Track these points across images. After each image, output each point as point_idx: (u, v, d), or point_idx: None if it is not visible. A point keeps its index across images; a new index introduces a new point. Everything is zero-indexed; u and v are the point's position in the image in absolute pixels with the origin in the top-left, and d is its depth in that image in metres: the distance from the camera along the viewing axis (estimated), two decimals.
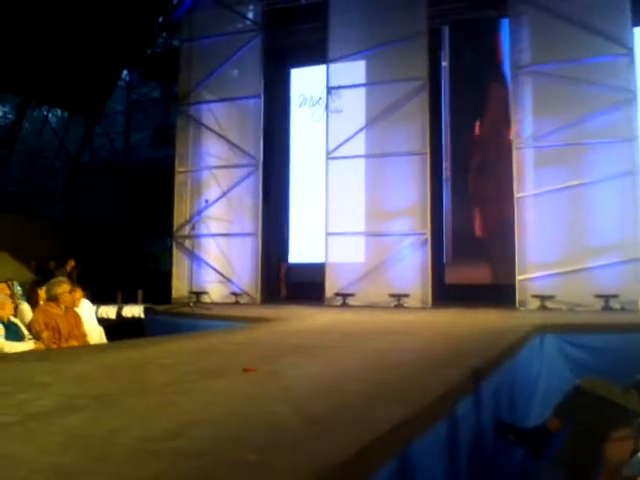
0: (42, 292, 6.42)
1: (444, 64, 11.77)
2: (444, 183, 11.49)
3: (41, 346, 5.35)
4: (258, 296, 10.95)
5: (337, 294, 10.21)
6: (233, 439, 2.01)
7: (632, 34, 9.20)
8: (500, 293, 9.89)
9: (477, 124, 11.65)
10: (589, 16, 9.22)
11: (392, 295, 9.83)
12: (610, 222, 9.04)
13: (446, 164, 11.58)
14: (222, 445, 1.94)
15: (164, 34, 14.86)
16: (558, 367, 5.88)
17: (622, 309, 8.36)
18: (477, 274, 11.06)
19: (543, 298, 9.13)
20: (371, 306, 9.84)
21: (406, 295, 9.77)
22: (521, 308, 9.24)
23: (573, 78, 9.28)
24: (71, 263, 11.92)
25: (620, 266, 8.90)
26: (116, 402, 2.58)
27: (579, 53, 9.31)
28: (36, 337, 5.43)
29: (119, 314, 9.94)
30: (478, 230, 11.42)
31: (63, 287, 5.86)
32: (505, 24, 10.85)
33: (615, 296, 8.65)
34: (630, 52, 9.14)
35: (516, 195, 9.52)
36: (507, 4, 9.95)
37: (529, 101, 9.72)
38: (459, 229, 11.38)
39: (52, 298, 5.80)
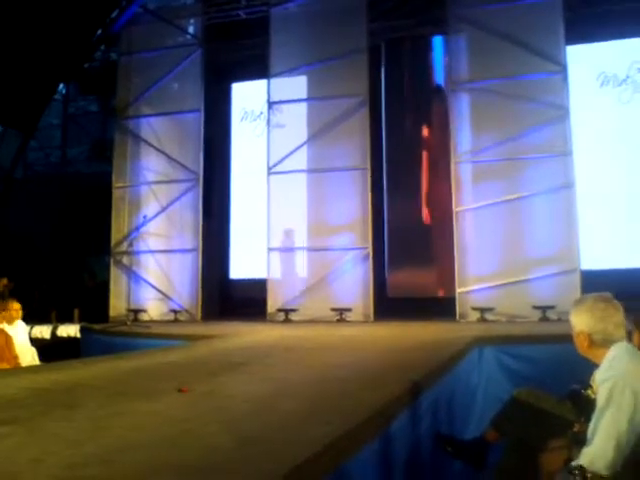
0: None
1: (384, 80, 11.91)
2: (385, 198, 11.58)
3: None
4: (198, 313, 10.77)
5: (279, 310, 10.13)
6: (164, 463, 1.95)
7: (565, 52, 9.49)
8: (441, 306, 10.00)
9: (417, 139, 11.82)
10: (525, 34, 9.48)
11: (334, 310, 9.82)
12: (547, 235, 9.25)
13: (386, 179, 11.68)
14: (153, 470, 1.88)
15: (102, 47, 14.59)
16: (496, 378, 5.95)
17: (559, 320, 8.53)
18: (418, 288, 11.16)
19: (483, 310, 9.26)
20: (314, 321, 9.81)
21: (348, 309, 9.78)
22: (461, 320, 9.35)
23: (509, 95, 9.50)
24: (3, 282, 11.49)
25: (557, 277, 9.11)
26: (44, 427, 2.49)
27: (515, 70, 9.54)
28: None
29: (54, 334, 9.62)
30: (419, 245, 11.52)
31: None
32: (443, 41, 11.09)
33: (552, 307, 8.83)
34: (564, 69, 9.42)
35: (455, 209, 9.67)
36: (445, 22, 10.15)
37: (467, 117, 9.91)
38: (400, 244, 11.46)
39: None
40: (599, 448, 2.45)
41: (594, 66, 10.22)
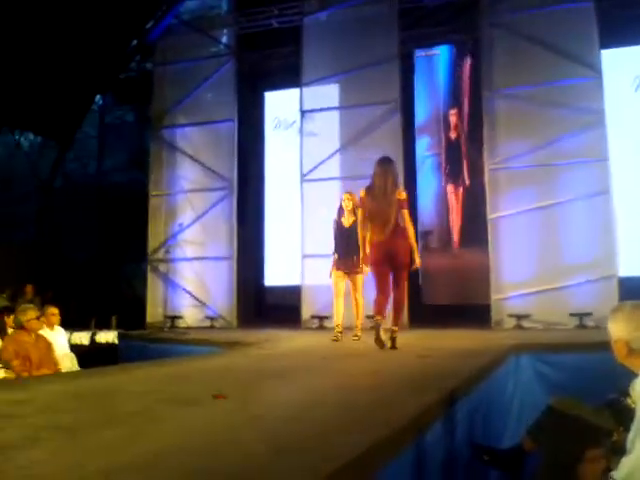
0: (9, 320, 6.34)
1: (416, 87, 11.88)
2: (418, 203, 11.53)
3: (11, 375, 5.26)
4: (234, 320, 10.87)
5: (313, 316, 10.15)
6: (202, 470, 1.97)
7: (600, 56, 9.39)
8: (476, 313, 9.91)
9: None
10: (558, 40, 9.41)
11: (368, 317, 9.76)
12: (583, 241, 9.15)
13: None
14: (191, 476, 1.90)
15: (137, 58, 14.82)
16: (533, 387, 5.89)
17: (596, 327, 8.41)
18: (453, 294, 11.08)
19: (519, 317, 9.18)
20: (347, 328, 9.78)
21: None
22: (496, 328, 9.27)
23: (544, 100, 9.43)
24: (28, 289, 11.46)
25: (593, 284, 9.00)
26: (83, 433, 2.51)
27: (549, 76, 9.49)
28: (6, 366, 5.34)
29: (93, 340, 9.80)
30: (454, 250, 11.45)
31: (29, 314, 5.76)
32: (477, 48, 11.01)
33: (589, 314, 8.72)
34: (599, 74, 9.32)
35: (489, 216, 9.60)
36: (478, 28, 10.10)
37: (501, 123, 9.84)
38: (435, 250, 11.40)
39: (20, 326, 5.71)
40: (638, 459, 2.41)
41: (629, 70, 10.06)
